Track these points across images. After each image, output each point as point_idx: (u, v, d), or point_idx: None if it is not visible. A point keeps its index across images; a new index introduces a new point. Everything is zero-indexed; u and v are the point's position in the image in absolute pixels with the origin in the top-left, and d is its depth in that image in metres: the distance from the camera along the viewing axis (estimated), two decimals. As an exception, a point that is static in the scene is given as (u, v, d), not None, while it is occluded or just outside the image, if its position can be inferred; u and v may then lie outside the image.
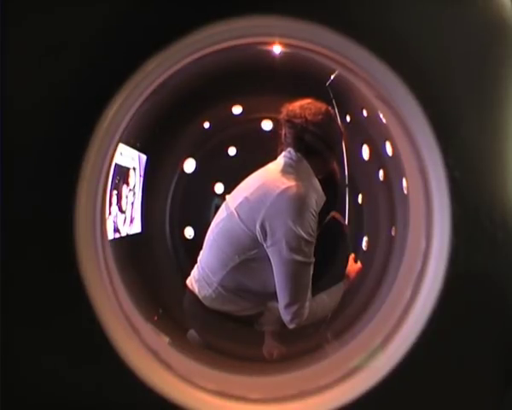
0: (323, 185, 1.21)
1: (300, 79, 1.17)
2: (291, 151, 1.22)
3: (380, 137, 1.02)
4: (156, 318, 0.98)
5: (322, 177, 1.22)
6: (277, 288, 1.18)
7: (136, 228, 1.31)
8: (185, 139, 1.37)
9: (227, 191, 1.25)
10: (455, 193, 0.60)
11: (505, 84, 0.60)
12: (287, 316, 1.18)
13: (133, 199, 1.29)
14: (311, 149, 1.21)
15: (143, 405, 0.63)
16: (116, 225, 1.21)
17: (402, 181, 0.86)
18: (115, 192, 1.19)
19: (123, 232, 1.25)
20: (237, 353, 0.91)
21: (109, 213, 1.15)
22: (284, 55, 0.99)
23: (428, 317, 0.61)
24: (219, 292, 1.24)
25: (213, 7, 0.59)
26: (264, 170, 1.27)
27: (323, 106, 1.20)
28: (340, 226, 1.25)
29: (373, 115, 0.98)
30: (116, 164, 1.14)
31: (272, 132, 1.36)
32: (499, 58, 0.60)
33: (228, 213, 1.25)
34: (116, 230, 1.21)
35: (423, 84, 0.60)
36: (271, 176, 1.22)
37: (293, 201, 1.17)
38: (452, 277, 0.60)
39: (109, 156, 0.67)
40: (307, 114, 1.20)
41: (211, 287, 1.25)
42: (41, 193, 0.60)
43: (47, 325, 0.61)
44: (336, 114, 1.21)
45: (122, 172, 1.21)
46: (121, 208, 1.24)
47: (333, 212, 1.23)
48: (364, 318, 0.82)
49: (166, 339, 0.86)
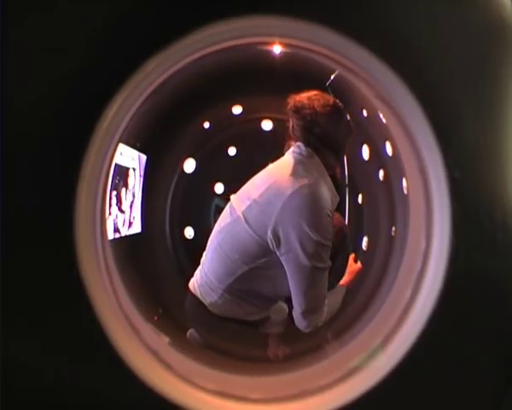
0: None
1: (300, 79, 1.17)
2: (300, 146, 1.12)
3: (380, 137, 1.02)
4: (156, 318, 0.98)
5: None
6: (293, 295, 1.09)
7: (136, 228, 1.31)
8: (185, 139, 1.37)
9: (227, 191, 1.24)
10: (455, 193, 0.60)
11: (505, 84, 0.60)
12: (303, 322, 1.09)
13: (132, 199, 1.29)
14: (322, 144, 1.12)
15: (143, 405, 0.63)
16: (116, 225, 1.21)
17: (402, 181, 0.86)
18: (115, 193, 1.19)
19: (123, 232, 1.25)
20: (237, 353, 0.92)
21: (109, 213, 1.15)
22: (284, 55, 0.99)
23: (428, 317, 0.61)
24: (225, 298, 1.16)
25: (213, 7, 0.59)
26: (272, 168, 1.17)
27: (331, 98, 1.11)
28: (340, 226, 1.25)
29: (373, 115, 0.98)
30: (116, 164, 1.14)
31: (272, 132, 1.36)
32: (499, 58, 0.60)
33: (234, 217, 1.14)
34: (116, 230, 1.21)
35: (423, 84, 0.60)
36: (281, 175, 1.10)
37: (307, 202, 1.06)
38: (452, 277, 0.60)
39: (109, 156, 0.67)
40: (316, 106, 1.10)
41: (216, 293, 1.17)
42: (41, 193, 0.60)
43: (47, 325, 0.61)
44: (344, 109, 1.12)
45: (122, 172, 1.21)
46: (121, 209, 1.24)
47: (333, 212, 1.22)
48: (364, 318, 0.82)
49: (166, 339, 0.86)
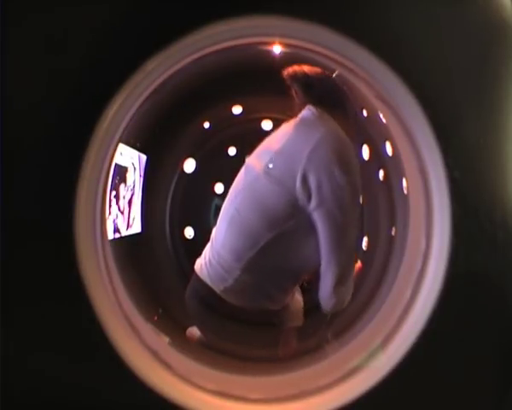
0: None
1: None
2: (311, 107, 1.05)
3: (380, 137, 1.02)
4: (156, 318, 0.98)
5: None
6: (325, 262, 0.97)
7: (136, 228, 1.31)
8: (185, 139, 1.37)
9: (227, 191, 1.23)
10: (455, 193, 0.60)
11: (505, 84, 0.60)
12: (332, 298, 0.98)
13: (129, 196, 1.28)
14: (326, 102, 1.04)
15: (143, 405, 0.63)
16: (116, 225, 1.21)
17: (402, 181, 0.86)
18: (114, 193, 1.19)
19: (122, 232, 1.25)
20: (237, 353, 0.92)
21: (109, 213, 1.15)
22: (284, 55, 0.99)
23: (428, 317, 0.61)
24: (243, 281, 1.01)
25: (213, 7, 0.59)
26: (289, 123, 1.07)
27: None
28: None
29: (373, 115, 0.98)
30: (116, 164, 1.14)
31: (272, 132, 1.36)
32: (499, 58, 0.60)
33: (253, 175, 1.01)
34: (116, 230, 1.21)
35: (423, 84, 0.60)
36: (301, 125, 1.02)
37: (338, 145, 0.96)
38: (452, 277, 0.60)
39: (109, 156, 0.67)
40: (305, 69, 1.04)
41: (231, 276, 1.02)
42: (41, 193, 0.60)
43: (47, 325, 0.61)
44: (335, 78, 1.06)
45: (121, 171, 1.21)
46: (120, 208, 1.24)
47: None
48: (364, 318, 0.82)
49: (166, 339, 0.86)
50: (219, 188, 1.42)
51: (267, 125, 1.37)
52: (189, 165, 1.40)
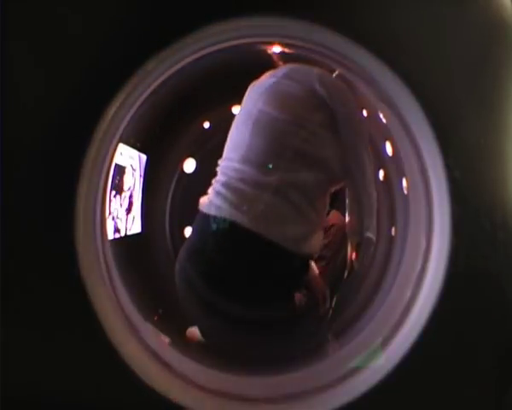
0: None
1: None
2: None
3: (380, 137, 1.02)
4: (156, 318, 0.98)
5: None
6: (354, 173, 0.93)
7: (136, 228, 1.31)
8: (185, 139, 1.37)
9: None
10: (455, 193, 0.60)
11: (505, 84, 0.60)
12: (361, 227, 0.94)
13: (129, 196, 1.28)
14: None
15: (143, 405, 0.63)
16: (116, 225, 1.21)
17: (402, 181, 0.86)
18: (114, 193, 1.19)
19: (122, 232, 1.25)
20: (237, 353, 0.91)
21: (109, 213, 1.15)
22: (284, 55, 0.98)
23: (428, 317, 0.61)
24: (276, 201, 0.88)
25: (213, 7, 0.59)
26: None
27: None
28: (341, 225, 1.24)
29: (373, 115, 0.98)
30: (116, 164, 1.14)
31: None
32: (499, 58, 0.60)
33: (272, 82, 0.94)
34: (116, 230, 1.21)
35: (423, 84, 0.60)
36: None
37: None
38: (452, 277, 0.60)
39: (109, 156, 0.67)
40: None
41: (265, 191, 0.88)
42: (41, 193, 0.60)
43: (47, 325, 0.61)
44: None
45: (121, 171, 1.21)
46: (120, 208, 1.24)
47: (333, 211, 1.22)
48: (364, 318, 0.82)
49: (166, 339, 0.86)
50: (219, 188, 1.42)
51: (267, 125, 1.36)
52: (189, 165, 1.40)
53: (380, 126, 0.91)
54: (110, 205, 1.16)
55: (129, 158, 1.23)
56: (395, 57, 0.60)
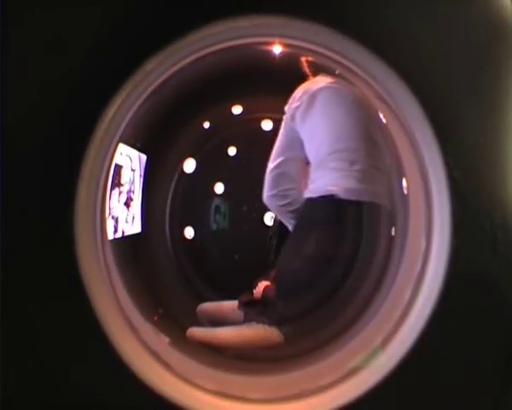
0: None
1: (300, 79, 1.17)
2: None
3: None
4: (156, 318, 0.98)
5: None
6: None
7: (136, 228, 1.31)
8: (185, 139, 1.37)
9: (227, 191, 1.23)
10: (455, 193, 0.60)
11: (505, 84, 0.60)
12: None
13: (127, 197, 1.28)
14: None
15: (143, 405, 0.63)
16: (116, 225, 1.21)
17: (402, 181, 0.86)
18: (114, 192, 1.19)
19: (122, 232, 1.25)
20: (237, 353, 0.92)
21: (109, 212, 1.15)
22: (284, 55, 0.99)
23: (428, 317, 0.61)
24: (369, 171, 0.99)
25: (213, 7, 0.59)
26: None
27: None
28: None
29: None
30: (116, 164, 1.14)
31: (272, 132, 1.36)
32: (499, 58, 0.60)
33: None
34: (116, 230, 1.21)
35: (423, 84, 0.60)
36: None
37: None
38: (452, 277, 0.60)
39: (109, 156, 0.67)
40: None
41: (356, 165, 1.01)
42: (41, 193, 0.60)
43: (47, 325, 0.61)
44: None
45: (119, 168, 1.21)
46: (119, 208, 1.23)
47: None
48: (364, 318, 0.82)
49: (166, 339, 0.86)
50: (219, 188, 1.42)
51: (267, 125, 1.37)
52: (189, 165, 1.40)
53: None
54: (110, 203, 1.16)
55: (126, 157, 1.23)
56: (395, 57, 0.60)
